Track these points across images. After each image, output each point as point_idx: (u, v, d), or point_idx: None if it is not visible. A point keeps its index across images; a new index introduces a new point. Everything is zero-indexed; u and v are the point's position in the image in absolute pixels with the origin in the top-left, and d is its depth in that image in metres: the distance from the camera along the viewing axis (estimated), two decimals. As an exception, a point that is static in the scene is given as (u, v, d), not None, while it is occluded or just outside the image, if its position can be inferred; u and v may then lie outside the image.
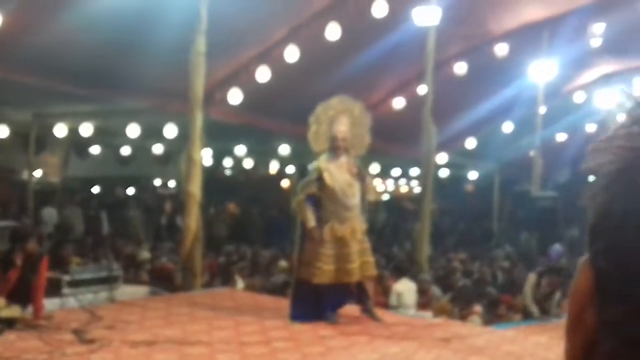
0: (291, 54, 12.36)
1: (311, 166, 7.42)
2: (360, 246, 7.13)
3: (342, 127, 7.20)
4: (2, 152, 16.19)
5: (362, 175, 7.20)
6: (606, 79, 16.89)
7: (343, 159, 7.17)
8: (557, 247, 14.00)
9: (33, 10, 10.21)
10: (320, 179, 7.12)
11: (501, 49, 14.32)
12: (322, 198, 7.13)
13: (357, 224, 7.13)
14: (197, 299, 8.27)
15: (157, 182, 24.53)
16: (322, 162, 7.18)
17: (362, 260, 7.13)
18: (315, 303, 7.13)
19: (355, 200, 7.14)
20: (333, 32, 12.00)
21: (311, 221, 7.05)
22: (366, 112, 7.55)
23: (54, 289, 7.38)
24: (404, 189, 31.12)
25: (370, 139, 7.46)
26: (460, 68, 14.90)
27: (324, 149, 7.26)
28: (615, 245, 0.66)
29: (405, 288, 9.70)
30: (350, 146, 7.27)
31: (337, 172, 7.12)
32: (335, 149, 7.17)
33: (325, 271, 6.98)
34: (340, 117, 7.25)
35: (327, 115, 7.29)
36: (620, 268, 0.65)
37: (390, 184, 29.79)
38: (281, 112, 14.65)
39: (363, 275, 7.18)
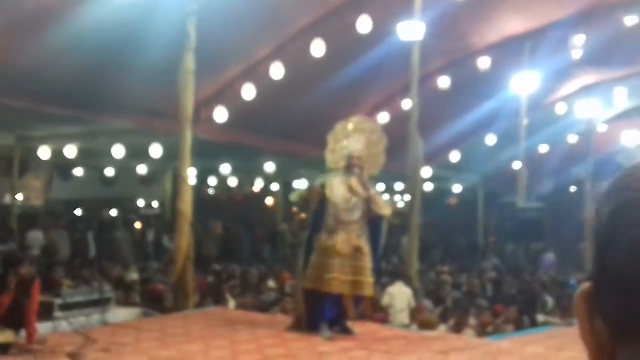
0: (276, 71, 12.37)
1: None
2: (353, 263, 7.14)
3: (359, 146, 7.31)
4: (-15, 176, 16.04)
5: (367, 190, 7.22)
6: (587, 90, 17.08)
7: (353, 178, 7.23)
8: (549, 257, 14.11)
9: (15, 33, 10.13)
10: (323, 189, 7.30)
11: (484, 63, 14.43)
12: (326, 210, 7.25)
13: (348, 239, 7.15)
14: (191, 319, 8.19)
15: (141, 203, 24.35)
16: (330, 176, 7.38)
17: (356, 279, 7.15)
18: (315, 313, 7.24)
19: (352, 217, 7.23)
20: (318, 48, 12.04)
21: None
22: (383, 133, 7.62)
23: (45, 312, 7.27)
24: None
25: (384, 160, 7.53)
26: (444, 82, 14.99)
27: (340, 166, 7.36)
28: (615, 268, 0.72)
29: (398, 291, 10.04)
30: (365, 166, 7.38)
31: (338, 188, 7.24)
32: (350, 167, 7.30)
33: (308, 276, 7.22)
34: (358, 137, 7.36)
35: (345, 133, 7.41)
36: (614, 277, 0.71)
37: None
38: (267, 129, 14.65)
39: (355, 293, 7.24)
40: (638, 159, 0.75)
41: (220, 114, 13.12)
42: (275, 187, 23.66)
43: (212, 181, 22.68)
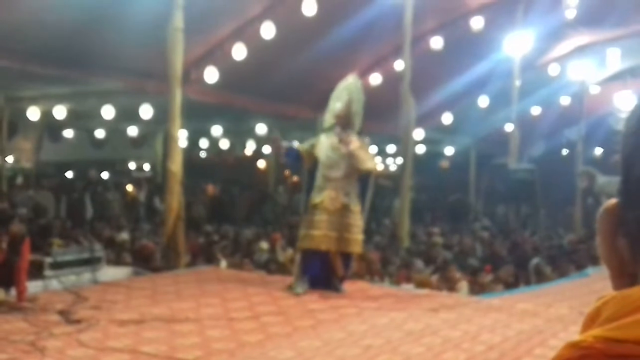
0: (267, 30, 12.21)
1: None
2: (340, 220, 7.24)
3: (339, 105, 7.50)
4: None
5: (346, 146, 7.30)
6: (580, 50, 16.94)
7: (338, 135, 7.43)
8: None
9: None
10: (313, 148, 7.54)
11: (477, 22, 14.26)
12: (317, 169, 7.47)
13: (336, 196, 7.26)
14: (182, 277, 8.21)
15: (132, 165, 24.24)
16: (321, 135, 7.60)
17: (343, 235, 7.27)
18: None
19: (337, 173, 7.33)
20: (309, 7, 11.87)
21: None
22: (361, 87, 7.80)
23: (36, 271, 7.25)
24: (380, 167, 31.18)
25: (362, 115, 7.63)
26: (436, 43, 14.83)
27: (331, 125, 7.56)
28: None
29: None
30: (350, 122, 7.51)
31: (325, 145, 7.43)
32: (335, 125, 7.50)
33: (299, 236, 7.46)
34: (340, 95, 7.52)
35: (336, 93, 7.57)
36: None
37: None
38: (258, 90, 14.52)
39: (342, 249, 7.36)
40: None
41: (211, 74, 12.99)
42: (267, 149, 23.57)
43: (204, 143, 22.57)
